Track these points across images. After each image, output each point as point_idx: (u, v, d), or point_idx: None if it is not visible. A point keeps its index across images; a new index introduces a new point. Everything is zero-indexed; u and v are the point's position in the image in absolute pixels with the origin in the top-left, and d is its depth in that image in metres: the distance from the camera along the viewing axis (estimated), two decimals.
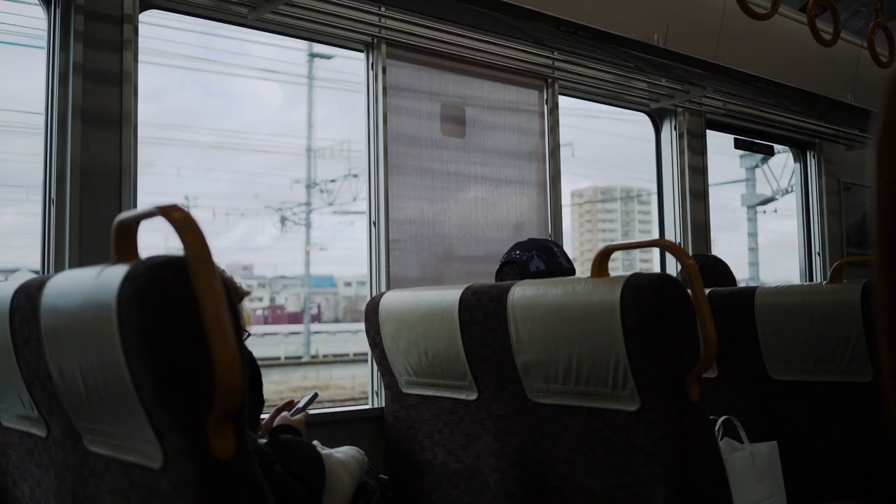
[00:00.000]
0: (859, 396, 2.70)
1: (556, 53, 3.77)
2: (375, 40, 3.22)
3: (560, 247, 2.73)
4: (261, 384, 2.29)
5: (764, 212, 18.27)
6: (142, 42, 2.69)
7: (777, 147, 5.41)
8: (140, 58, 2.68)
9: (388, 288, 3.12)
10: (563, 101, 3.91)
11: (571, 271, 2.64)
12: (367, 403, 3.20)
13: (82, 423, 1.37)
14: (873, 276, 0.53)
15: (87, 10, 2.54)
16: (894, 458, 2.63)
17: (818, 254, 5.38)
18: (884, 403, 0.54)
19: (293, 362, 23.55)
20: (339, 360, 23.43)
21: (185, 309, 1.11)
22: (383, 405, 2.84)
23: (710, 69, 4.15)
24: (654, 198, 4.61)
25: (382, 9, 3.17)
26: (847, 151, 5.47)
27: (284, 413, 2.49)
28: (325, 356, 24.53)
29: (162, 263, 1.13)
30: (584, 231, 51.57)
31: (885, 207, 0.52)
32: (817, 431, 2.82)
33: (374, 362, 2.98)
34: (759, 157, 10.04)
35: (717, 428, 2.60)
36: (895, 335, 0.52)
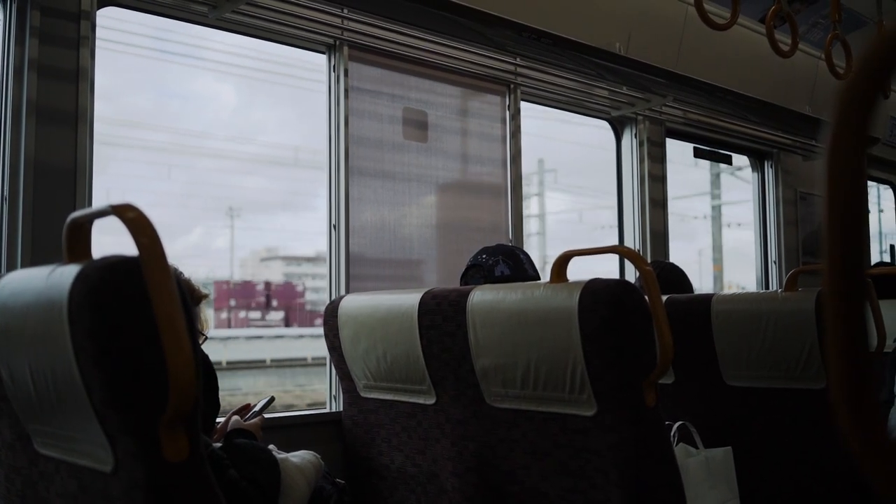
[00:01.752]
0: (813, 403, 2.75)
1: (518, 59, 3.78)
2: (337, 42, 3.21)
3: (526, 253, 2.74)
4: (216, 388, 2.26)
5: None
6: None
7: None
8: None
9: (348, 292, 3.11)
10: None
11: (536, 278, 2.65)
12: (324, 408, 3.18)
13: (32, 424, 1.34)
14: (823, 285, 0.54)
15: (43, 5, 2.50)
16: (846, 465, 2.67)
17: (775, 262, 5.45)
18: (834, 411, 0.54)
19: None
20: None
21: (138, 310, 1.09)
22: (341, 409, 2.83)
23: (671, 78, 4.20)
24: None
25: (345, 10, 3.16)
26: (804, 161, 5.56)
27: (237, 417, 2.47)
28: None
29: (114, 264, 1.12)
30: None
31: (835, 217, 0.52)
32: (772, 437, 2.86)
33: (332, 366, 2.97)
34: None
35: (672, 433, 2.62)
36: (843, 344, 0.53)
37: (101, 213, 1.19)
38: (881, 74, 0.52)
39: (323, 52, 3.25)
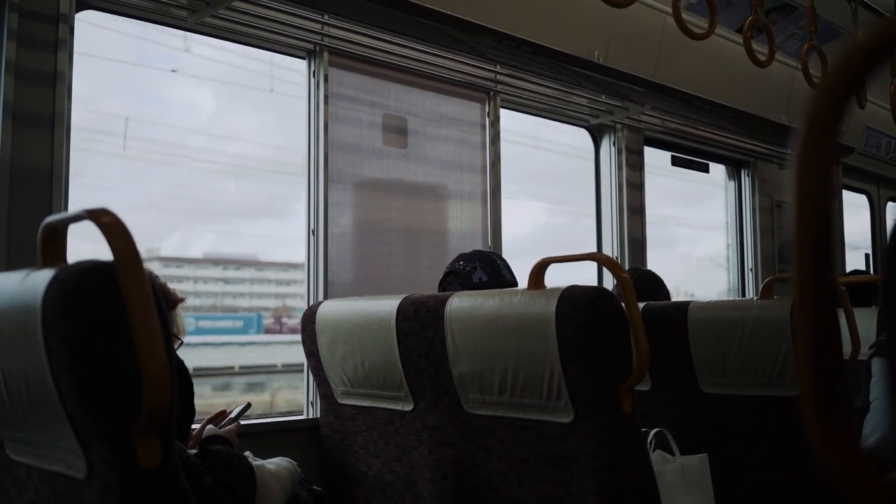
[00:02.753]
0: (789, 410, 2.76)
1: (498, 67, 3.79)
2: (318, 48, 3.21)
3: (504, 260, 2.74)
4: (192, 394, 2.25)
5: None
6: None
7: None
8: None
9: (326, 297, 3.10)
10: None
11: (514, 284, 2.65)
12: (301, 414, 3.16)
13: (4, 430, 1.33)
14: (793, 293, 0.54)
15: (21, 8, 2.48)
16: (821, 472, 2.69)
17: (751, 270, 5.49)
18: (803, 418, 0.55)
19: None
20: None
21: (112, 315, 1.08)
22: (318, 416, 2.82)
23: (649, 87, 4.23)
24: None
25: (325, 16, 3.16)
26: (780, 170, 5.61)
27: (211, 426, 2.45)
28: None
29: (89, 268, 1.11)
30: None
31: (804, 224, 0.53)
32: (747, 444, 2.87)
33: (309, 372, 2.96)
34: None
35: (649, 440, 2.63)
36: (812, 353, 0.53)
37: (77, 218, 1.18)
38: (852, 83, 0.53)
39: (303, 58, 3.25)
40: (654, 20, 4.11)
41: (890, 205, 7.08)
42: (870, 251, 7.02)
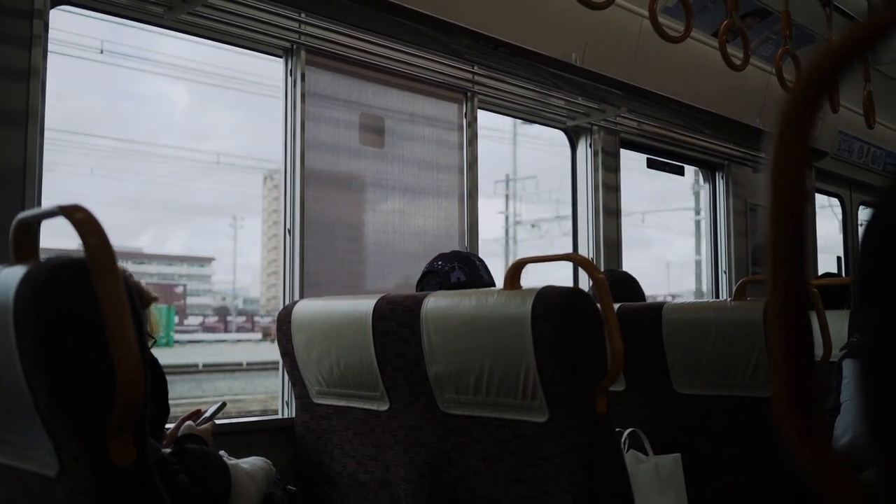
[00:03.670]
0: (762, 411, 2.79)
1: (476, 68, 3.80)
2: (295, 46, 3.20)
3: (482, 260, 2.75)
4: (166, 392, 2.23)
5: None
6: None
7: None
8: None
9: (302, 297, 3.09)
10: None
11: (492, 284, 2.66)
12: (276, 414, 3.15)
13: None
14: (766, 295, 0.55)
15: None
16: (794, 473, 2.71)
17: (724, 272, 5.54)
18: (777, 419, 0.55)
19: None
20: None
21: (85, 313, 1.08)
22: (293, 415, 2.81)
23: (626, 89, 4.25)
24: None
25: (302, 15, 3.15)
26: (755, 174, 5.66)
27: (190, 422, 2.44)
28: None
29: (62, 265, 1.10)
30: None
31: (776, 226, 0.53)
32: (720, 444, 2.90)
33: (284, 372, 2.95)
34: None
35: (623, 440, 2.65)
36: (785, 355, 0.54)
37: (50, 214, 1.17)
38: (824, 86, 0.54)
39: (280, 57, 3.23)
40: (631, 23, 4.13)
41: (862, 208, 7.16)
42: (842, 254, 7.10)
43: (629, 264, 4.69)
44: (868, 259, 0.50)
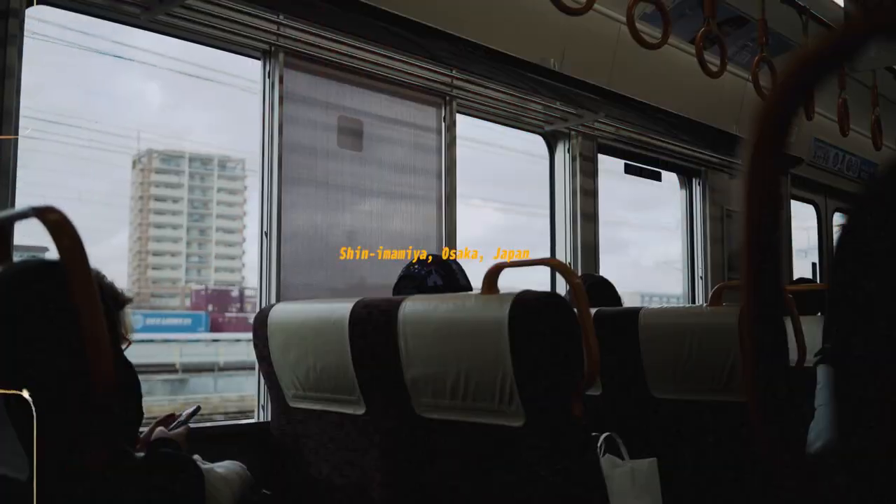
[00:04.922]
0: (737, 416, 2.80)
1: (454, 72, 3.80)
2: (273, 48, 3.18)
3: (458, 263, 2.75)
4: (140, 395, 2.21)
5: None
6: None
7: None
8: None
9: (279, 300, 3.08)
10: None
11: (469, 288, 2.65)
12: (252, 418, 3.13)
13: None
14: (740, 300, 0.55)
15: None
16: (769, 477, 2.73)
17: (701, 277, 5.57)
18: (752, 423, 0.55)
19: None
20: None
21: (58, 314, 1.06)
22: (269, 419, 2.79)
23: (603, 95, 4.28)
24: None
25: (281, 17, 3.14)
26: (731, 180, 5.70)
27: (162, 427, 2.42)
28: None
29: (34, 267, 1.09)
30: None
31: (752, 233, 0.54)
32: (696, 449, 2.91)
33: (261, 375, 2.93)
34: None
35: (599, 444, 2.65)
36: (759, 359, 0.54)
37: (23, 215, 1.16)
38: (800, 93, 0.54)
39: (258, 58, 3.22)
40: (609, 29, 4.15)
41: (836, 215, 7.23)
42: (816, 260, 7.16)
43: (605, 269, 4.71)
44: (839, 266, 0.51)
